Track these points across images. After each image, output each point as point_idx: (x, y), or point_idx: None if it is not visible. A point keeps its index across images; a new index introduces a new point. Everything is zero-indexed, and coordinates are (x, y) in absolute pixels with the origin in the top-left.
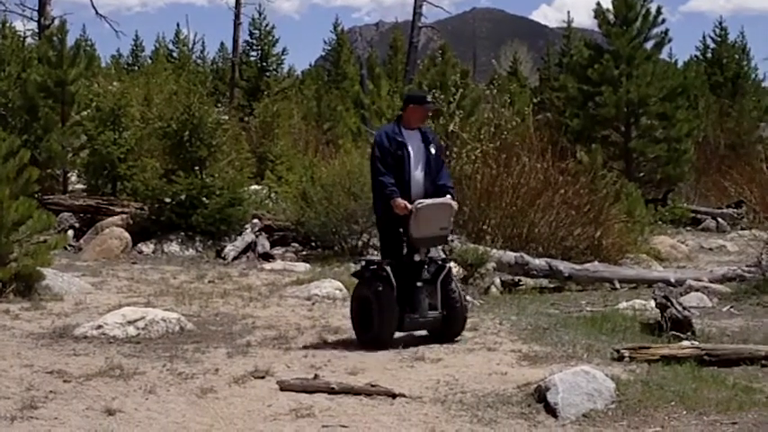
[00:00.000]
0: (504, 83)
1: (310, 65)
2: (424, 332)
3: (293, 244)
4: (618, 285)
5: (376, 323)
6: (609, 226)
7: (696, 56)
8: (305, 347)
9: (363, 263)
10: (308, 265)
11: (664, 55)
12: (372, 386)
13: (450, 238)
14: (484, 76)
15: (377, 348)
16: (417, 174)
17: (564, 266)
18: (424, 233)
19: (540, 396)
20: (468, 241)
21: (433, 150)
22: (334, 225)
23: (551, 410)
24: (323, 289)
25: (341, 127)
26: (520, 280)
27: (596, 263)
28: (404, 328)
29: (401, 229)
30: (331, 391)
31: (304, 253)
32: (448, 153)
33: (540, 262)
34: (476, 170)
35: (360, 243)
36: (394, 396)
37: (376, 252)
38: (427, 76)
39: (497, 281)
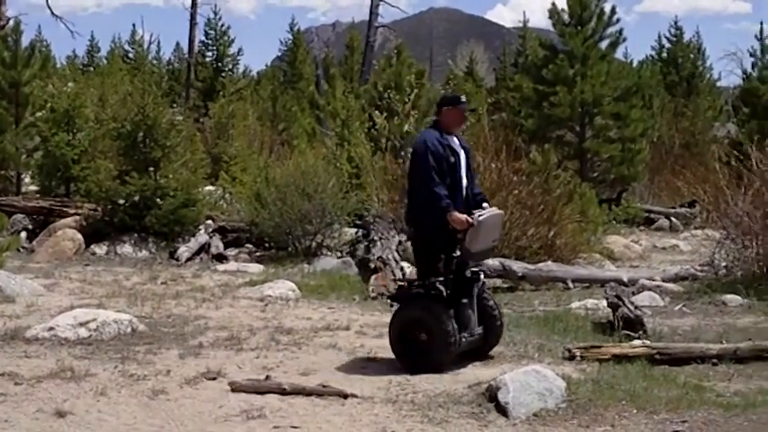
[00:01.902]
0: (459, 83)
1: (266, 65)
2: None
3: (247, 245)
4: (571, 285)
5: (439, 347)
6: (562, 226)
7: (651, 55)
8: (257, 348)
9: (405, 284)
10: (261, 266)
11: (619, 55)
12: (324, 387)
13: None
14: (440, 76)
15: (436, 372)
16: (464, 182)
17: (517, 266)
18: (480, 247)
19: (491, 395)
20: None
21: (470, 155)
22: (288, 226)
23: (502, 410)
24: (276, 290)
25: (296, 128)
26: None
27: (550, 263)
28: (460, 349)
29: (442, 242)
30: (282, 392)
31: (258, 254)
32: (402, 153)
33: (493, 262)
34: None
35: (314, 244)
36: (345, 396)
37: (331, 253)
38: (383, 76)
39: None
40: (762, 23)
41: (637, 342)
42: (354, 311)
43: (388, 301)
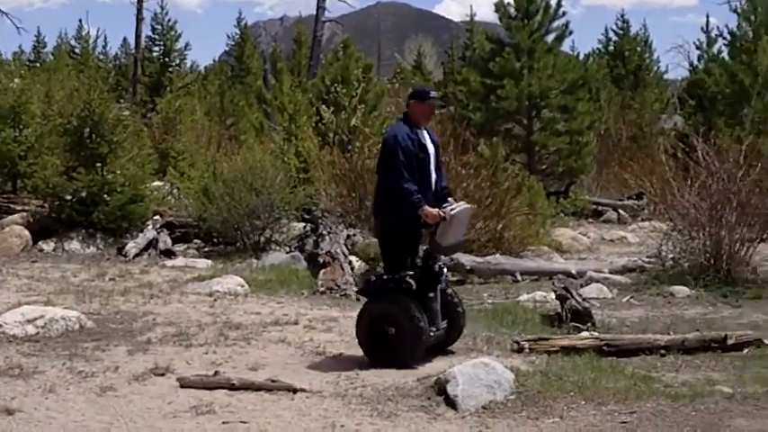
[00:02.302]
0: (407, 77)
1: (214, 60)
2: None
3: (195, 240)
4: (519, 278)
5: (409, 342)
6: (511, 219)
7: (598, 49)
8: (206, 344)
9: (373, 278)
10: (209, 262)
11: (565, 48)
12: (273, 381)
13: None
14: (388, 70)
15: (405, 368)
16: (432, 177)
17: (466, 259)
18: (451, 241)
19: (440, 389)
20: (370, 235)
21: (438, 149)
22: (236, 221)
23: (451, 403)
24: (225, 285)
25: (244, 122)
26: None
27: (498, 255)
28: (428, 344)
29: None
30: (231, 387)
31: (206, 249)
32: (349, 148)
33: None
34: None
35: (262, 239)
36: (294, 391)
37: (279, 248)
38: (330, 70)
39: None
40: (707, 16)
41: (585, 334)
42: (303, 306)
43: (356, 295)
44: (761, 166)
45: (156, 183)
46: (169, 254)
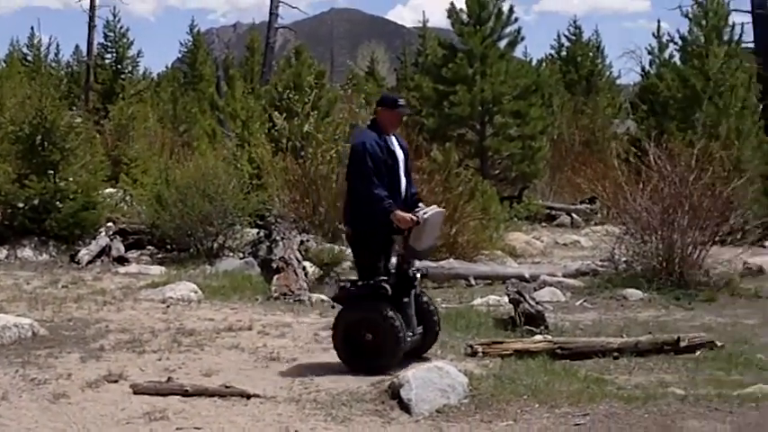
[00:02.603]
0: (360, 83)
1: (167, 67)
2: None
3: (148, 247)
4: (473, 282)
5: (388, 348)
6: (464, 223)
7: (551, 54)
8: (159, 350)
9: (348, 285)
10: (163, 268)
11: (518, 54)
12: (226, 387)
13: None
14: (341, 76)
15: (381, 374)
16: (402, 183)
17: (419, 264)
18: (424, 245)
19: (393, 393)
20: (323, 241)
21: (407, 156)
22: (189, 227)
23: (405, 407)
24: (178, 291)
25: (197, 129)
26: None
27: (452, 260)
28: (405, 349)
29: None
30: (185, 394)
31: (159, 256)
32: (302, 154)
33: (395, 260)
34: (331, 170)
35: (215, 245)
36: (248, 397)
37: (233, 254)
38: (283, 77)
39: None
40: (659, 21)
41: (538, 337)
42: (257, 312)
43: (331, 302)
44: (712, 170)
45: (109, 190)
46: (122, 261)
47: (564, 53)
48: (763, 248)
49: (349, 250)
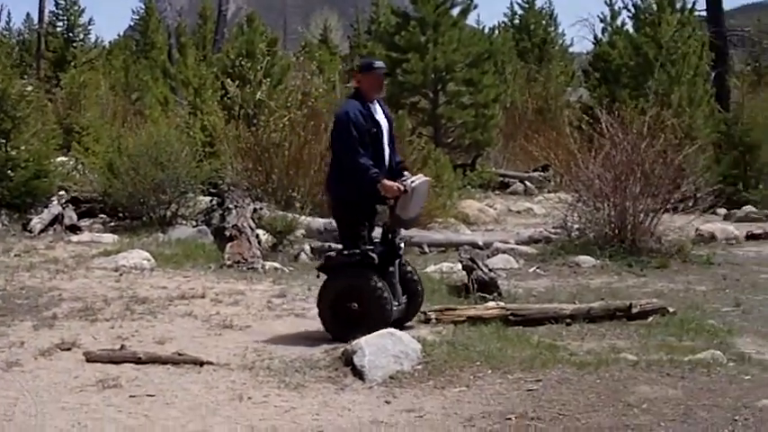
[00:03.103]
0: (313, 51)
1: (119, 35)
2: None
3: (101, 215)
4: (427, 249)
5: (375, 316)
6: None
7: (504, 22)
8: (112, 318)
9: (333, 254)
10: (115, 237)
11: (470, 21)
12: (180, 355)
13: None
14: (295, 44)
15: None
16: (387, 153)
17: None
18: (411, 214)
19: (347, 359)
20: (277, 209)
21: (391, 125)
22: (141, 195)
23: (358, 373)
24: (130, 260)
25: (149, 97)
26: (330, 246)
27: None
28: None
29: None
30: (138, 361)
31: (112, 224)
32: (255, 121)
33: (381, 229)
34: (284, 138)
35: (168, 213)
36: (201, 364)
37: (186, 222)
38: (235, 44)
39: (307, 248)
40: None
41: (491, 304)
42: (210, 280)
43: (317, 271)
44: (664, 138)
45: (61, 158)
46: (75, 229)
47: (517, 21)
48: (715, 216)
49: (302, 217)
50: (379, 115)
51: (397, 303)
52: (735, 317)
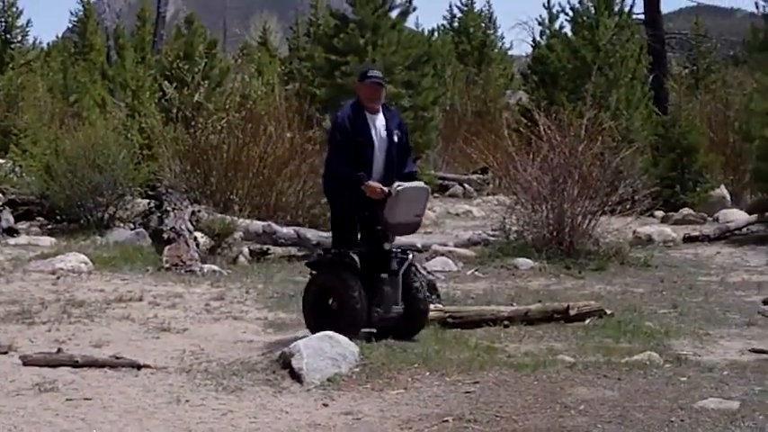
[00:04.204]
0: (253, 53)
1: (57, 37)
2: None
3: (38, 218)
4: None
5: (345, 317)
6: None
7: (443, 25)
8: (49, 322)
9: (321, 252)
10: (53, 239)
11: (410, 24)
12: (117, 358)
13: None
14: (234, 46)
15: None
16: (378, 164)
17: (312, 234)
18: (399, 219)
19: (285, 362)
20: (215, 211)
21: (396, 138)
22: (79, 198)
23: (296, 376)
24: (68, 263)
25: (87, 99)
26: (268, 249)
27: None
28: (370, 324)
29: (357, 217)
30: (75, 365)
31: (49, 227)
32: (193, 124)
33: (287, 230)
34: (222, 140)
35: (106, 216)
36: (139, 367)
37: (123, 225)
38: (174, 46)
39: (246, 250)
40: None
41: (429, 306)
42: (148, 282)
43: (306, 266)
44: (602, 140)
45: None
46: (12, 232)
47: (456, 24)
48: (653, 218)
49: (240, 220)
50: (375, 125)
51: (383, 311)
52: (672, 319)
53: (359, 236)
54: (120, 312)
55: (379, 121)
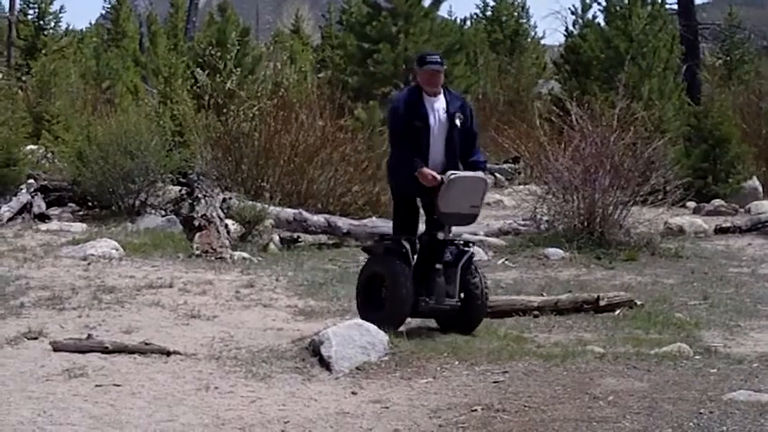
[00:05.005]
0: (285, 41)
1: (90, 23)
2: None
3: (70, 204)
4: None
5: (389, 304)
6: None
7: (476, 14)
8: (79, 307)
9: (377, 238)
10: (84, 225)
11: (442, 12)
12: (146, 344)
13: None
14: (266, 34)
15: (386, 330)
16: (437, 148)
17: (342, 222)
18: (453, 209)
19: (314, 350)
20: (246, 198)
21: (458, 122)
22: (110, 184)
23: (325, 364)
24: (99, 249)
25: (119, 86)
26: (299, 237)
27: (375, 218)
28: (418, 314)
29: (420, 204)
30: (105, 351)
31: (81, 213)
32: (225, 111)
33: (318, 218)
34: (254, 128)
35: (137, 202)
36: (168, 354)
37: (155, 211)
38: (207, 33)
39: (276, 238)
40: None
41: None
42: (178, 269)
43: (361, 251)
44: (634, 131)
45: (31, 146)
46: (43, 218)
47: (489, 12)
48: (684, 209)
49: (271, 207)
50: (434, 109)
51: (434, 302)
52: (702, 310)
53: (423, 224)
54: (150, 299)
55: (439, 103)
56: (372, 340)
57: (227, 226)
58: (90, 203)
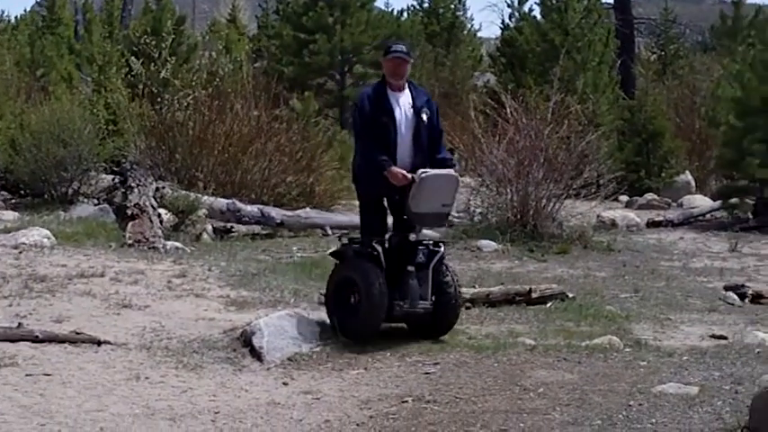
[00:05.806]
0: (221, 30)
1: (25, 10)
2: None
3: (2, 192)
4: (330, 231)
5: (363, 310)
6: (322, 173)
7: (412, 6)
8: (9, 296)
9: (346, 241)
10: (16, 214)
11: (379, 4)
12: (77, 334)
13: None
14: (203, 23)
15: (361, 338)
16: (404, 145)
17: (276, 213)
18: (425, 208)
19: (246, 340)
20: (179, 188)
21: (425, 117)
22: (43, 173)
23: (257, 354)
24: (30, 237)
25: (54, 74)
26: (232, 227)
27: (308, 209)
28: (392, 318)
29: (387, 204)
30: (35, 340)
31: (13, 201)
32: (159, 100)
33: (252, 209)
34: (188, 117)
35: (70, 191)
36: (99, 343)
37: (87, 200)
38: (143, 21)
39: (209, 228)
40: None
41: None
42: (110, 258)
43: (330, 257)
44: (568, 124)
45: None
46: None
47: (426, 4)
48: (617, 202)
49: (205, 197)
50: (399, 104)
51: (408, 306)
52: (633, 303)
53: (391, 225)
54: (82, 288)
55: (405, 98)
56: (304, 331)
57: (159, 215)
58: (22, 192)
